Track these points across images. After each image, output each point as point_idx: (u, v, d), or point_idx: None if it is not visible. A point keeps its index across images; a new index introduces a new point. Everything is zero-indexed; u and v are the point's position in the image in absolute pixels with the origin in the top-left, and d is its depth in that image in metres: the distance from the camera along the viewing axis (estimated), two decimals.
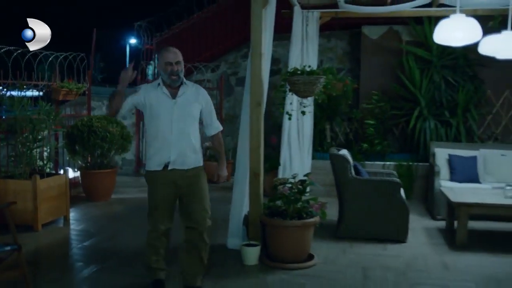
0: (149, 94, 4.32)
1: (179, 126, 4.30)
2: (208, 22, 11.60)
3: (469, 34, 6.23)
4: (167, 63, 4.26)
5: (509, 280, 4.98)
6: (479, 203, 6.10)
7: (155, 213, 4.44)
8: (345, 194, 6.35)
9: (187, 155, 4.36)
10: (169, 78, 4.28)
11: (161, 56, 4.34)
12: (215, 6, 11.62)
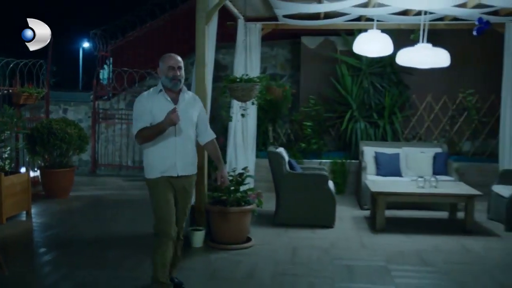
0: (151, 102, 4.38)
1: (183, 132, 4.41)
2: (161, 30, 12.33)
3: (383, 47, 7.26)
4: (170, 67, 4.37)
5: (412, 254, 5.94)
6: (394, 192, 7.10)
7: (165, 217, 4.40)
8: (280, 187, 7.23)
9: (190, 161, 4.53)
10: (171, 82, 4.36)
11: (164, 61, 4.43)
12: (167, 15, 12.34)
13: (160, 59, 4.51)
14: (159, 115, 4.28)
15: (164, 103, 4.37)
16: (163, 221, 4.40)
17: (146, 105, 4.37)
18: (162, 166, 4.37)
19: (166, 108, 4.28)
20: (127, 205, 8.64)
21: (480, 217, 7.75)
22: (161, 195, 4.40)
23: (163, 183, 4.38)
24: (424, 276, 5.26)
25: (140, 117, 4.35)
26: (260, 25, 9.43)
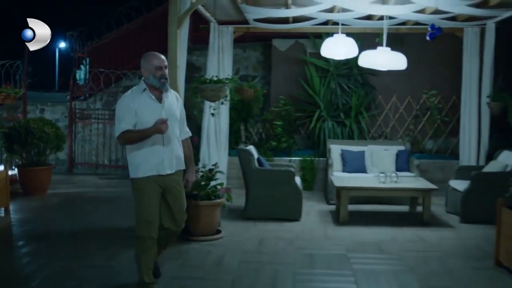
0: (136, 102, 4.37)
1: (169, 130, 4.40)
2: (136, 32, 12.64)
3: (348, 50, 7.70)
4: (157, 67, 4.39)
5: (370, 244, 6.37)
6: (356, 187, 7.53)
7: (149, 219, 4.39)
8: (249, 182, 7.62)
9: (177, 158, 4.54)
10: (159, 82, 4.40)
11: (149, 61, 4.44)
12: (142, 18, 12.66)
13: (144, 58, 4.51)
14: (144, 114, 4.32)
15: (149, 102, 4.39)
16: (147, 224, 4.38)
17: (131, 105, 4.34)
18: (150, 164, 4.36)
19: (152, 107, 4.36)
20: (103, 201, 8.95)
21: (438, 210, 8.25)
22: (147, 197, 4.38)
23: (150, 183, 4.37)
24: (379, 262, 5.68)
25: (123, 117, 4.32)
26: (232, 28, 9.80)
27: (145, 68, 4.45)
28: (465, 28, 9.47)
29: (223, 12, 8.78)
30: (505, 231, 5.45)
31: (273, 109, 10.70)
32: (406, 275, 5.24)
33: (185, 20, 6.71)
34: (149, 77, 4.42)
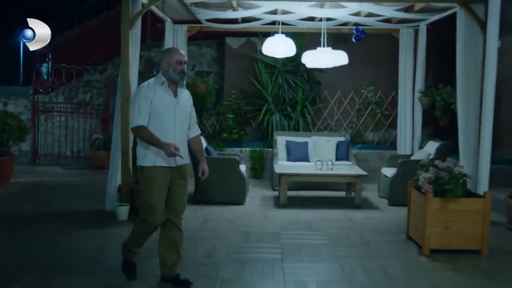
0: (153, 92, 4.41)
1: (180, 125, 4.51)
2: (97, 29, 13.20)
3: (287, 49, 8.45)
4: (178, 61, 4.43)
5: (302, 223, 7.16)
6: (294, 173, 8.31)
7: (156, 208, 4.47)
8: (198, 169, 8.30)
9: (185, 152, 4.61)
10: (179, 76, 4.44)
11: (171, 54, 4.48)
12: (103, 16, 13.22)
13: (165, 52, 4.62)
14: (159, 105, 4.39)
15: (165, 95, 4.44)
16: (155, 211, 4.47)
17: (148, 94, 4.38)
18: (160, 155, 4.42)
19: (167, 100, 4.43)
20: (64, 189, 9.54)
21: (372, 195, 9.11)
22: (157, 184, 4.44)
23: (159, 173, 4.45)
24: (306, 237, 6.45)
25: (140, 107, 4.38)
26: (186, 27, 10.48)
27: (165, 61, 4.47)
28: (400, 29, 10.35)
29: (176, 13, 9.46)
30: (413, 209, 6.29)
31: (225, 103, 11.42)
32: (327, 247, 6.03)
33: (136, 21, 7.38)
34: (168, 70, 4.44)
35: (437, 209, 5.75)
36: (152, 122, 4.40)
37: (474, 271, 5.31)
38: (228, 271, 5.20)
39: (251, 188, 9.62)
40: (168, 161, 4.46)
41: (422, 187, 5.85)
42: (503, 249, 6.10)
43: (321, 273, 5.17)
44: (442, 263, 5.53)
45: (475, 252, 5.84)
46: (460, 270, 5.32)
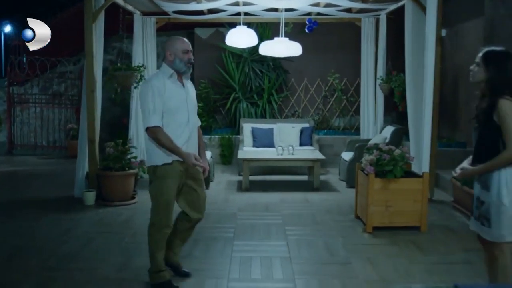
0: (163, 87, 4.16)
1: (192, 118, 4.33)
2: (69, 21, 13.44)
3: (249, 39, 8.79)
4: (184, 50, 4.24)
5: (260, 205, 7.58)
6: (255, 158, 8.71)
7: (169, 208, 4.32)
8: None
9: (197, 147, 4.46)
10: (186, 66, 4.24)
11: (176, 44, 4.28)
12: (75, 8, 13.46)
13: (170, 42, 4.35)
14: (171, 100, 4.16)
15: (175, 87, 4.24)
16: (168, 214, 4.33)
17: (161, 89, 4.14)
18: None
19: (179, 93, 4.22)
20: (38, 177, 9.88)
21: (333, 178, 9.54)
22: (169, 184, 4.26)
23: (174, 171, 4.24)
24: (261, 218, 6.86)
25: (155, 107, 4.10)
26: (154, 19, 10.79)
27: (171, 52, 4.26)
28: (362, 19, 10.75)
29: (142, 5, 9.77)
30: (359, 190, 6.72)
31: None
32: (278, 227, 6.44)
33: (99, 15, 7.70)
34: (174, 61, 4.23)
35: (379, 189, 6.17)
36: (166, 119, 4.13)
37: (409, 245, 5.74)
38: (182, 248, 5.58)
39: (219, 173, 10.02)
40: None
41: (365, 169, 6.27)
42: (443, 226, 6.54)
43: (267, 250, 5.57)
44: (382, 239, 5.97)
45: (415, 229, 6.27)
46: (397, 245, 5.76)
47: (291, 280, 4.71)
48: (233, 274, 4.86)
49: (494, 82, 3.66)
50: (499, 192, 3.59)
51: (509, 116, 3.53)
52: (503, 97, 3.59)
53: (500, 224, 3.60)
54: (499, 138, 3.59)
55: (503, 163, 3.58)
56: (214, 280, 4.71)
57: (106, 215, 7.02)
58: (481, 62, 3.74)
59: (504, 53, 3.71)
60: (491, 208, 3.63)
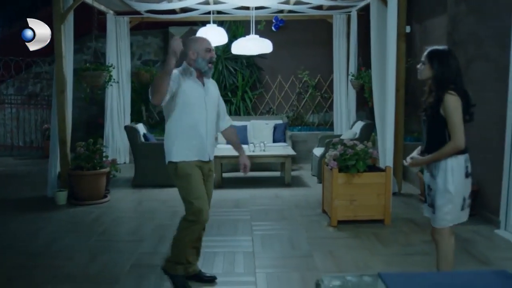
0: (184, 81, 4.12)
1: (210, 116, 4.26)
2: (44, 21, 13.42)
3: (219, 38, 8.88)
4: (207, 49, 4.19)
5: (230, 201, 7.71)
6: (225, 155, 8.80)
7: (200, 203, 4.20)
8: (136, 155, 8.79)
9: (213, 146, 4.43)
10: (207, 65, 4.19)
11: (199, 43, 4.23)
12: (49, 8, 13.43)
13: (192, 40, 4.30)
14: (190, 96, 4.13)
15: (195, 85, 4.20)
16: (201, 209, 4.21)
17: (179, 77, 4.11)
18: (194, 150, 4.20)
19: (198, 91, 4.18)
20: (15, 178, 9.93)
21: (306, 173, 9.67)
22: (195, 179, 4.19)
23: (195, 168, 4.21)
24: (229, 214, 6.98)
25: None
26: (128, 18, 10.87)
27: (193, 50, 4.20)
28: (334, 15, 10.90)
29: (114, 5, 9.84)
30: (325, 185, 6.85)
31: None
32: (245, 223, 6.55)
33: (68, 15, 7.75)
34: (197, 59, 4.18)
35: (343, 183, 6.30)
36: (183, 114, 4.12)
37: (371, 238, 5.88)
38: (148, 245, 5.70)
39: None
40: (201, 156, 4.24)
41: (328, 164, 6.41)
42: (407, 218, 6.69)
43: (231, 245, 5.69)
44: (346, 232, 6.10)
45: (379, 222, 6.42)
46: (359, 238, 5.90)
47: (251, 274, 4.83)
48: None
49: (439, 78, 3.89)
50: (445, 180, 3.83)
51: (453, 110, 3.75)
52: (448, 92, 3.80)
53: (443, 210, 3.86)
54: (446, 130, 3.81)
55: (449, 153, 3.80)
56: None
57: (76, 214, 7.09)
58: (426, 61, 3.98)
59: (446, 52, 3.96)
60: (437, 195, 3.88)
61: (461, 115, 3.77)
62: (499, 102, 6.17)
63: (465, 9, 7.17)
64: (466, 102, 3.84)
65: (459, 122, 3.76)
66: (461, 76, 3.92)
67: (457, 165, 3.82)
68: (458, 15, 7.39)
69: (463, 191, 3.88)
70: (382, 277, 2.29)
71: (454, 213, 3.87)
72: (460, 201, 3.87)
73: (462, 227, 6.03)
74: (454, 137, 3.76)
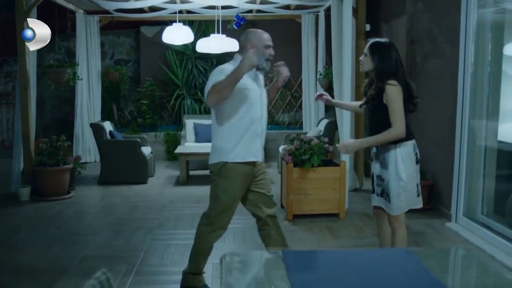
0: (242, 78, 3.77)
1: (264, 114, 4.09)
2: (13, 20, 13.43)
3: (185, 36, 8.97)
4: (267, 45, 4.00)
5: (191, 197, 7.78)
6: (191, 153, 8.90)
7: (230, 210, 4.08)
8: (102, 152, 8.85)
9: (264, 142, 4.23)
10: (265, 62, 4.00)
11: (259, 37, 4.02)
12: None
13: (252, 33, 4.06)
14: (250, 94, 3.92)
15: (252, 82, 3.97)
16: (230, 215, 4.12)
17: None
18: (252, 150, 3.99)
19: (255, 88, 3.97)
20: None
21: (273, 171, 9.80)
22: (239, 184, 4.02)
23: (245, 169, 3.99)
24: (189, 209, 7.04)
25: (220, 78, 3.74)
26: (98, 17, 10.92)
27: (252, 44, 3.96)
28: (302, 15, 11.03)
29: (83, 4, 9.91)
30: (282, 179, 6.96)
31: (139, 90, 11.92)
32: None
33: (31, 12, 7.80)
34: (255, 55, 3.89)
35: (297, 177, 6.42)
36: (242, 111, 3.89)
37: (324, 231, 6.00)
38: (102, 238, 5.78)
39: (162, 169, 10.18)
40: (257, 156, 4.05)
41: (283, 158, 6.52)
42: (362, 213, 6.80)
43: (184, 238, 5.73)
44: (300, 226, 6.21)
45: (334, 216, 6.54)
46: (312, 231, 6.01)
47: None
48: (146, 260, 5.05)
49: (380, 69, 4.04)
50: (397, 169, 3.99)
51: (394, 99, 3.93)
52: (389, 82, 3.96)
53: (400, 198, 4.02)
54: (388, 118, 3.96)
55: (388, 139, 3.97)
56: (125, 266, 4.87)
57: (38, 209, 7.13)
58: (368, 53, 4.14)
59: (387, 44, 4.12)
60: (391, 184, 4.02)
61: (402, 104, 3.94)
62: (452, 98, 6.31)
63: (422, 7, 7.33)
64: (408, 93, 4.03)
65: (400, 111, 3.92)
66: (402, 68, 4.08)
67: (406, 153, 4.00)
68: (415, 14, 7.54)
69: (415, 178, 4.08)
70: (283, 254, 2.40)
71: (409, 200, 4.06)
72: (414, 187, 4.07)
73: (416, 220, 6.28)
74: (395, 124, 3.92)
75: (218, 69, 3.94)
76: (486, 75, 5.92)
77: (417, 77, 7.44)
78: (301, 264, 2.23)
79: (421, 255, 2.42)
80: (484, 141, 6.07)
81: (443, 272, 2.36)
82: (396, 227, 4.13)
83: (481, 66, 5.94)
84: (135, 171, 8.77)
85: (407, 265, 2.31)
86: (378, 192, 4.20)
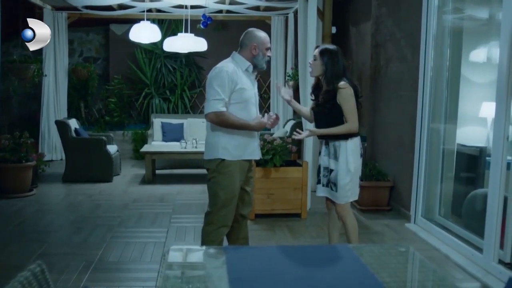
0: (240, 77, 3.96)
1: (258, 113, 4.18)
2: None
3: (152, 34, 8.96)
4: (268, 48, 4.08)
5: (156, 196, 7.77)
6: (157, 151, 8.89)
7: (230, 206, 4.07)
8: (67, 150, 8.78)
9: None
10: (265, 64, 4.12)
11: (263, 39, 4.10)
12: None
13: (256, 35, 4.12)
14: (247, 93, 3.99)
15: (249, 82, 4.06)
16: (230, 211, 4.11)
17: (234, 77, 3.92)
18: (249, 148, 4.09)
19: (251, 87, 4.06)
20: None
21: None
22: (235, 181, 4.05)
23: (241, 167, 4.07)
24: (152, 208, 7.06)
25: (220, 94, 3.86)
26: (66, 14, 10.84)
27: (256, 45, 4.05)
28: (272, 17, 11.09)
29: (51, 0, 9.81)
30: None
31: (107, 88, 11.85)
32: (165, 216, 6.64)
33: None
34: (258, 55, 4.05)
35: (260, 177, 6.45)
36: (241, 111, 3.97)
37: (284, 230, 6.06)
38: (61, 235, 5.75)
39: (129, 168, 10.15)
40: (254, 154, 4.16)
41: None
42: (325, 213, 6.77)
43: (145, 236, 5.77)
44: (261, 225, 6.26)
45: (296, 216, 6.60)
46: (272, 230, 6.06)
47: (157, 262, 4.92)
48: (104, 257, 5.03)
49: (330, 73, 4.35)
50: (347, 161, 4.34)
51: (347, 99, 4.29)
52: (341, 86, 4.28)
53: (346, 188, 4.38)
54: (342, 117, 4.31)
55: (342, 132, 4.33)
56: (83, 262, 4.84)
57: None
58: (318, 57, 4.41)
59: (336, 50, 4.42)
60: (339, 174, 4.37)
61: (355, 103, 4.30)
62: (413, 101, 6.42)
63: (386, 12, 7.44)
64: (356, 94, 4.35)
65: (353, 109, 4.30)
66: (349, 72, 4.47)
67: (354, 147, 4.36)
68: (380, 18, 7.65)
69: (359, 170, 4.50)
70: (225, 250, 2.43)
71: (353, 190, 4.45)
72: (358, 179, 4.48)
73: (376, 220, 6.40)
74: (349, 121, 4.29)
75: (217, 72, 3.99)
76: (445, 79, 6.05)
77: (381, 79, 7.56)
78: (242, 259, 2.26)
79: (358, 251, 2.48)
80: (443, 144, 6.20)
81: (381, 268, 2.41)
82: (344, 215, 4.51)
83: (440, 71, 6.07)
84: (100, 169, 8.72)
85: (345, 261, 2.37)
86: (323, 182, 4.55)
